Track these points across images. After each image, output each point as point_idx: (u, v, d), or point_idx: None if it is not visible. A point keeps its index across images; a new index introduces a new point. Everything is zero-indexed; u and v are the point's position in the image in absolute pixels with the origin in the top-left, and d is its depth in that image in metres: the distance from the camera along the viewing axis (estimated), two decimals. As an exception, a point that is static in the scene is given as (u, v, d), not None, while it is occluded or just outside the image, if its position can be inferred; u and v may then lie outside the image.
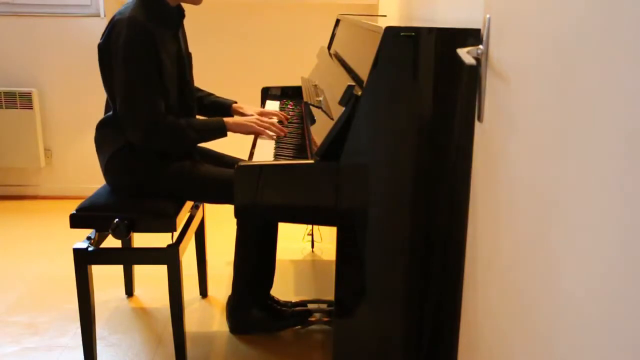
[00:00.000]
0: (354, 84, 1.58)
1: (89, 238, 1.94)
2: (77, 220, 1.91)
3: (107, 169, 2.01)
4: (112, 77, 1.92)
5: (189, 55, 2.16)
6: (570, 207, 0.80)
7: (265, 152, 1.89)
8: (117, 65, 1.88)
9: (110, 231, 1.88)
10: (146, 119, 1.89)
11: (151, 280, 2.58)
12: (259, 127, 2.05)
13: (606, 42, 0.71)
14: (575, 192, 0.79)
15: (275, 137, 2.06)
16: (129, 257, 2.18)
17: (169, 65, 1.96)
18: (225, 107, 2.28)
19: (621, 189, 0.67)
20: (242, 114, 2.25)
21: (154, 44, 1.88)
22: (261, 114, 2.20)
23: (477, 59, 1.19)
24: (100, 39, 1.93)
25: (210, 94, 2.33)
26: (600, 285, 0.71)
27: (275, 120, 2.14)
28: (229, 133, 2.04)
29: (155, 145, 1.95)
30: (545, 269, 0.88)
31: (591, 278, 0.74)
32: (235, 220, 2.02)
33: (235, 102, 2.31)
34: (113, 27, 1.89)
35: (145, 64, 1.87)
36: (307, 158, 1.75)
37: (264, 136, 2.06)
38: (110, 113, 2.01)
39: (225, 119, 2.04)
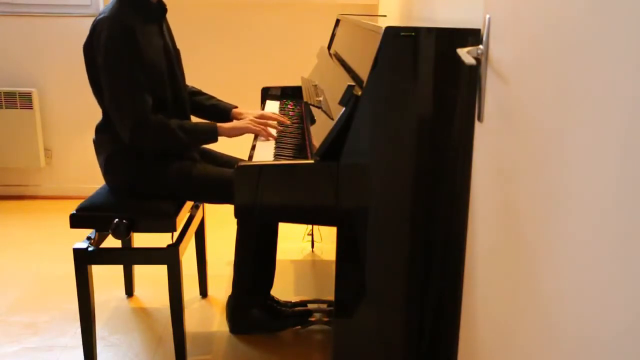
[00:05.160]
0: (354, 84, 1.58)
1: (89, 238, 1.94)
2: (77, 220, 1.91)
3: (106, 170, 2.01)
4: (98, 77, 1.92)
5: (177, 50, 2.15)
6: (570, 206, 0.80)
7: (265, 152, 1.89)
8: (100, 65, 1.87)
9: (110, 231, 1.88)
10: (132, 116, 1.87)
11: (151, 280, 2.58)
12: (254, 128, 2.04)
13: (605, 42, 0.71)
14: (575, 191, 0.79)
15: (269, 138, 2.04)
16: (129, 257, 2.18)
17: (157, 60, 1.95)
18: (225, 112, 2.25)
19: (621, 188, 0.67)
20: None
21: (136, 41, 1.87)
22: (260, 117, 2.17)
23: (477, 59, 1.19)
24: (85, 40, 1.93)
25: (212, 97, 2.32)
26: (601, 284, 0.71)
27: (273, 123, 2.12)
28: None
29: (143, 144, 1.93)
30: (544, 269, 0.88)
31: (590, 278, 0.74)
32: (235, 220, 2.02)
33: (236, 107, 2.29)
34: (95, 27, 1.90)
35: (128, 62, 1.86)
36: (307, 158, 1.75)
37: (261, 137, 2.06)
38: (104, 116, 2.01)
39: (219, 124, 2.02)
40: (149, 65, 1.92)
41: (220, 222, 2.94)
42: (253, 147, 1.97)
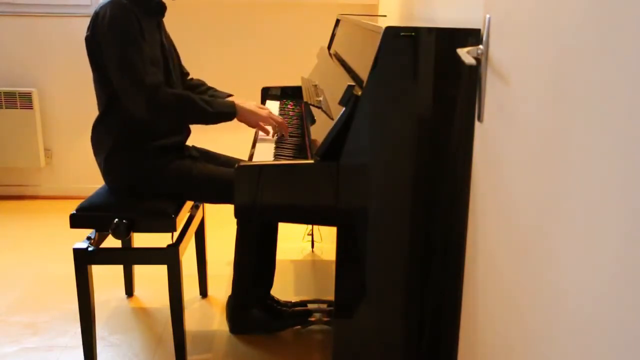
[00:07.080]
0: (354, 84, 1.58)
1: (89, 238, 1.94)
2: (77, 220, 1.91)
3: (106, 171, 2.00)
4: (102, 64, 1.91)
5: (176, 52, 2.15)
6: (570, 206, 0.80)
7: (265, 152, 1.89)
8: (107, 43, 1.87)
9: (110, 231, 1.88)
10: (147, 83, 1.85)
11: (151, 280, 2.58)
12: (271, 121, 2.04)
13: (605, 42, 0.71)
14: (575, 191, 0.79)
15: (277, 135, 2.05)
16: (129, 257, 2.18)
17: (155, 51, 1.96)
18: None
19: (621, 188, 0.67)
20: None
21: (139, 22, 1.88)
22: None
23: (477, 59, 1.19)
24: (87, 32, 1.93)
25: (210, 88, 2.31)
26: (601, 286, 0.71)
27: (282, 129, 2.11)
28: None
29: (161, 111, 1.90)
30: (545, 269, 0.88)
31: (591, 278, 0.74)
32: (235, 220, 2.02)
33: (232, 95, 2.24)
34: (97, 15, 1.91)
35: (134, 35, 1.86)
36: (307, 158, 1.75)
37: (263, 134, 2.06)
38: (101, 112, 2.00)
39: (237, 103, 2.02)
40: (150, 50, 1.92)
41: (220, 222, 2.94)
42: (253, 147, 1.97)
